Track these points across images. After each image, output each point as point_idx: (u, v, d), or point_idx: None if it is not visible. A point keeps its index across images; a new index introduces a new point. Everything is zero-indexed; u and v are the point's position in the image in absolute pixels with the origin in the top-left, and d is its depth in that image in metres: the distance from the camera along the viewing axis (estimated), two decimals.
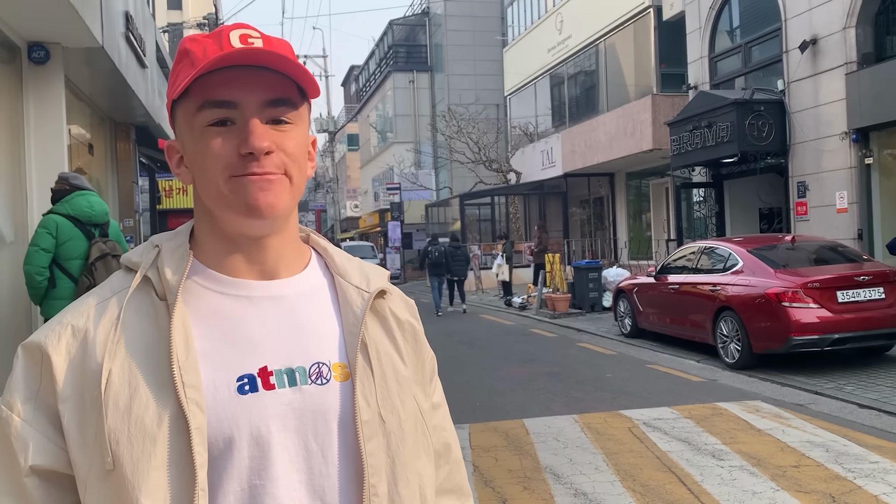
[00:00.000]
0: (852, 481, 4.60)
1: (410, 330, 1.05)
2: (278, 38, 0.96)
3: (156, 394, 0.87)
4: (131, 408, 0.86)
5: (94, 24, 5.98)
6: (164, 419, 0.85)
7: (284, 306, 0.96)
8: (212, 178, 0.92)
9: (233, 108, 0.91)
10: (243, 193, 0.90)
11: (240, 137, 0.90)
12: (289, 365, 0.92)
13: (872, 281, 7.99)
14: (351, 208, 46.22)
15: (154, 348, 0.89)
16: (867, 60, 11.24)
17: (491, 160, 25.25)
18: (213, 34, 0.95)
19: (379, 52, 41.57)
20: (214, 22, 16.52)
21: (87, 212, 4.89)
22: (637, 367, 9.02)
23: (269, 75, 0.92)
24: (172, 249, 0.96)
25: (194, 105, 0.92)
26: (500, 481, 4.88)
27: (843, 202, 11.61)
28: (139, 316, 0.91)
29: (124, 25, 7.54)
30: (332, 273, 1.03)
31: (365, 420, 0.93)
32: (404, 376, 1.01)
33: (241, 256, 0.96)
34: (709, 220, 15.42)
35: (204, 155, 0.92)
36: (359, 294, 1.01)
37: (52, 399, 0.88)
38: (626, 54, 19.86)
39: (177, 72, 0.94)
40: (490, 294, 20.83)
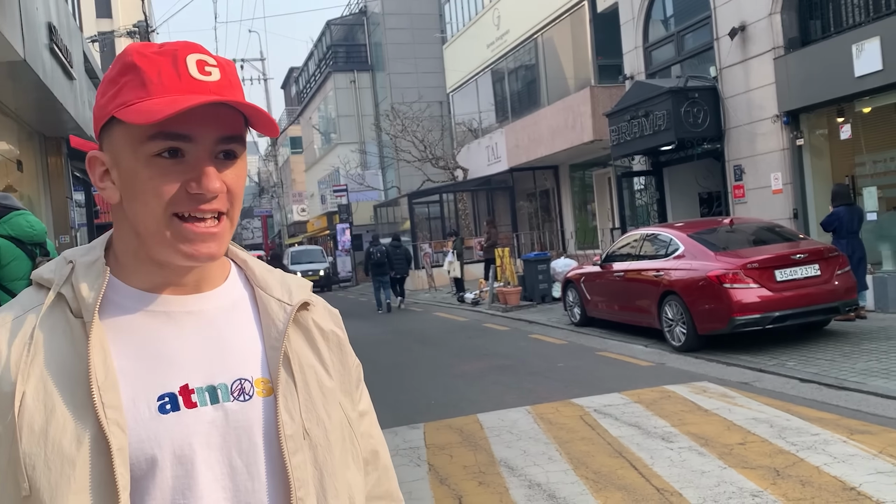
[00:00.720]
0: (795, 454, 4.75)
1: (335, 340, 1.05)
2: (227, 60, 0.94)
3: (74, 415, 0.84)
4: (48, 430, 0.83)
5: (14, 37, 5.79)
6: (83, 441, 0.83)
7: (205, 321, 0.95)
8: (151, 211, 0.89)
9: (187, 141, 0.88)
10: (185, 243, 0.90)
11: (190, 174, 0.89)
12: (210, 382, 0.92)
13: (808, 259, 8.24)
14: (298, 212, 45.79)
15: (70, 368, 0.86)
16: (793, 45, 11.58)
17: (437, 158, 25.28)
18: (165, 52, 0.91)
19: (318, 52, 41.21)
20: (145, 30, 16.18)
21: (29, 231, 4.75)
22: (587, 355, 9.15)
23: (226, 110, 0.90)
24: (87, 265, 0.93)
25: (145, 133, 0.88)
26: (456, 478, 4.90)
27: (777, 183, 11.95)
28: (53, 334, 0.88)
29: (47, 37, 7.32)
30: (253, 286, 1.02)
31: (289, 434, 0.93)
32: (329, 388, 1.01)
33: (163, 275, 0.94)
34: (651, 207, 15.71)
35: (148, 186, 0.89)
36: (281, 307, 1.00)
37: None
38: (564, 47, 20.08)
39: (120, 84, 0.90)
40: (443, 291, 20.88)
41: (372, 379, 9.64)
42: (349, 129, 36.85)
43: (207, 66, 0.90)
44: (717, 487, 4.31)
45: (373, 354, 10.63)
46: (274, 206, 52.51)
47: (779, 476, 4.40)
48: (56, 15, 8.05)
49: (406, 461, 5.37)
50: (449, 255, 18.74)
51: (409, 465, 5.29)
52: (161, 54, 0.90)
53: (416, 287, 23.49)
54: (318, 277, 29.14)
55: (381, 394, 8.02)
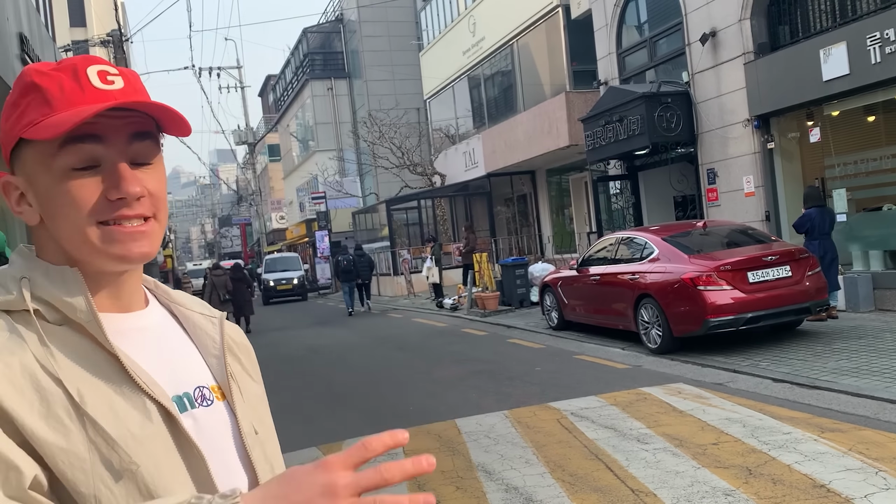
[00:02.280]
0: (767, 453, 4.83)
1: (246, 349, 1.12)
2: (129, 70, 0.95)
3: (127, 398, 0.88)
4: (118, 414, 0.86)
5: None
6: (151, 417, 0.88)
7: (152, 337, 0.97)
8: (76, 225, 0.89)
9: (98, 142, 0.88)
10: (115, 245, 0.90)
11: (108, 182, 0.89)
12: (177, 392, 0.95)
13: (780, 260, 8.38)
14: (276, 220, 45.61)
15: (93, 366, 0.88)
16: (763, 50, 11.77)
17: (415, 164, 25.33)
18: (64, 68, 0.91)
19: (295, 60, 41.13)
20: (119, 38, 16.08)
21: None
22: (565, 358, 9.22)
23: (135, 117, 0.91)
24: (45, 275, 0.90)
25: (53, 144, 0.88)
26: (433, 483, 4.92)
27: (749, 186, 12.12)
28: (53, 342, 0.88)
29: (19, 47, 7.27)
30: (165, 303, 1.05)
31: (246, 432, 0.99)
32: (258, 391, 1.09)
33: (101, 290, 0.94)
34: (626, 211, 15.85)
35: (65, 200, 0.89)
36: (207, 320, 1.05)
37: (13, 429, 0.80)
38: (540, 53, 20.23)
39: (22, 106, 0.90)
40: (422, 297, 20.88)
41: (351, 385, 9.63)
42: (327, 137, 36.79)
43: (109, 76, 0.91)
44: (690, 487, 4.37)
45: (352, 361, 10.64)
46: (252, 214, 52.25)
47: (751, 475, 4.48)
48: (28, 25, 8.00)
49: None
50: (427, 261, 18.78)
51: None
52: (60, 70, 0.91)
53: (395, 293, 23.47)
54: (292, 286, 28.81)
55: (360, 400, 8.03)
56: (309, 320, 19.44)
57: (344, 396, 8.29)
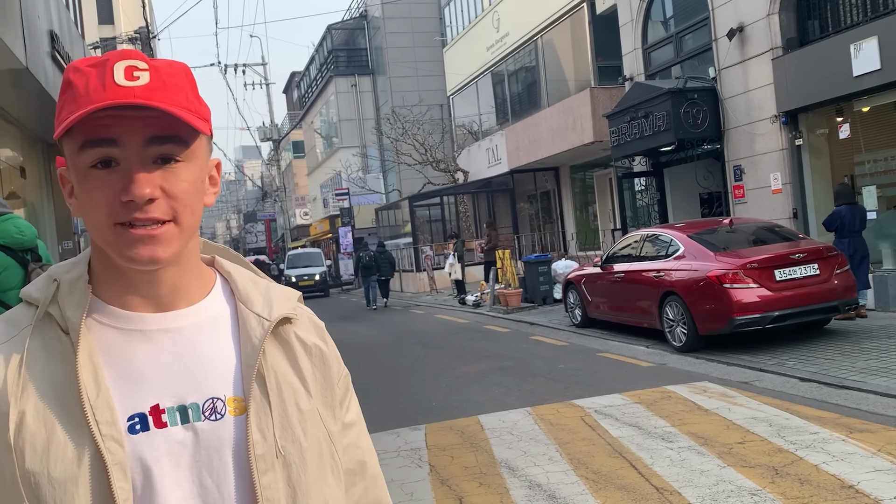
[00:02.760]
0: (794, 453, 4.77)
1: (318, 354, 1.04)
2: (172, 63, 0.92)
3: (71, 433, 0.86)
4: (49, 450, 0.85)
5: (17, 45, 5.84)
6: (83, 459, 0.85)
7: (180, 340, 0.94)
8: (96, 223, 0.90)
9: (114, 146, 0.87)
10: (125, 246, 0.89)
11: (121, 183, 0.88)
12: (181, 402, 0.92)
13: (807, 258, 8.27)
14: (300, 216, 45.86)
15: (64, 386, 0.88)
16: (792, 45, 11.61)
17: (438, 161, 25.33)
18: (97, 63, 0.90)
19: (319, 57, 41.30)
20: (146, 36, 16.24)
21: (19, 238, 4.50)
22: (588, 356, 9.18)
23: (156, 112, 0.88)
24: (71, 283, 0.93)
25: (76, 144, 0.89)
26: (457, 479, 4.93)
27: (777, 183, 11.97)
28: (46, 353, 0.90)
29: (49, 45, 7.37)
30: (236, 300, 1.01)
31: (259, 454, 0.92)
32: (307, 404, 0.99)
33: (136, 288, 0.94)
34: (651, 207, 15.73)
35: (87, 199, 0.90)
36: (259, 322, 0.99)
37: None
38: (564, 49, 20.12)
39: (61, 103, 0.91)
40: (444, 293, 20.90)
41: (374, 381, 9.67)
42: (350, 133, 36.91)
43: (136, 72, 0.88)
44: (715, 486, 4.33)
45: (375, 357, 10.69)
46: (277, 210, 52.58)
47: (777, 475, 4.43)
48: (58, 22, 8.11)
49: (407, 462, 5.41)
50: (450, 258, 18.79)
51: (411, 466, 5.32)
52: (93, 66, 0.89)
53: (418, 289, 23.52)
54: (314, 282, 28.29)
55: (383, 396, 8.06)
56: (331, 316, 19.54)
57: (367, 392, 8.33)
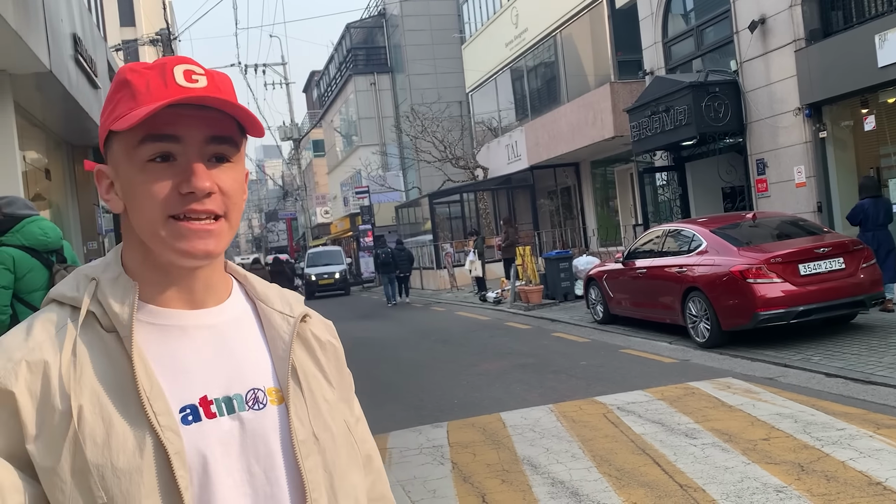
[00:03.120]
0: (820, 449, 4.72)
1: (332, 350, 1.11)
2: (220, 72, 0.98)
3: (131, 425, 0.89)
4: (110, 442, 0.87)
5: (41, 49, 5.92)
6: (145, 449, 0.88)
7: (216, 335, 0.99)
8: (149, 216, 0.93)
9: (176, 142, 0.92)
10: (181, 240, 0.93)
11: (181, 176, 0.92)
12: (226, 393, 0.96)
13: (832, 252, 8.16)
14: (321, 214, 46.07)
15: (117, 380, 0.90)
16: (815, 37, 11.46)
17: (457, 157, 25.31)
18: (155, 66, 0.95)
19: (338, 56, 41.43)
20: (167, 37, 16.39)
21: (43, 239, 4.47)
22: (610, 352, 9.14)
23: (214, 113, 0.93)
24: (112, 281, 0.96)
25: (135, 137, 0.92)
26: (479, 476, 4.93)
27: (801, 176, 11.82)
28: (92, 350, 0.92)
29: (72, 48, 7.46)
30: (254, 299, 1.07)
31: (301, 440, 0.98)
32: (331, 395, 1.06)
33: (172, 286, 0.98)
34: (673, 202, 15.61)
35: (142, 190, 0.93)
36: (284, 319, 1.05)
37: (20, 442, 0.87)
38: (583, 44, 20.02)
39: (115, 101, 0.95)
40: (465, 291, 20.89)
41: (395, 378, 9.68)
42: (370, 131, 37.00)
43: (195, 75, 0.94)
44: (740, 483, 4.30)
45: (396, 354, 10.72)
46: (298, 209, 52.85)
47: (803, 471, 4.38)
48: (80, 26, 8.20)
49: (430, 459, 5.42)
50: (470, 255, 18.78)
51: (433, 463, 5.33)
52: (151, 68, 0.95)
53: (439, 287, 23.54)
54: (334, 281, 28.16)
55: (405, 393, 8.08)
56: (352, 314, 19.61)
57: (389, 389, 8.35)
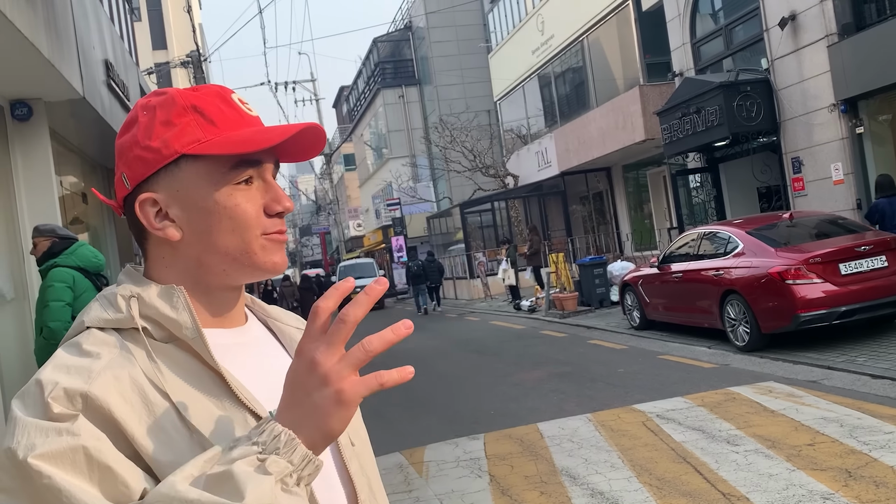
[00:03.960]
0: (868, 454, 4.59)
1: None
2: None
3: (230, 413, 0.90)
4: (222, 430, 0.88)
5: (74, 76, 6.05)
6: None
7: (252, 352, 1.00)
8: (241, 236, 0.94)
9: (259, 166, 0.96)
10: (274, 254, 0.97)
11: (267, 197, 0.96)
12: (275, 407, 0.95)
13: (874, 250, 7.96)
14: (354, 228, 46.33)
15: (198, 384, 0.90)
16: (848, 31, 11.23)
17: (487, 166, 25.29)
18: (211, 94, 0.97)
19: (366, 70, 41.75)
20: (197, 59, 16.68)
21: (95, 262, 4.79)
22: (648, 359, 9.01)
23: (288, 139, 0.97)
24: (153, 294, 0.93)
25: (228, 162, 0.93)
26: (517, 489, 4.88)
27: (838, 174, 11.58)
28: (165, 361, 0.90)
29: (105, 73, 7.61)
30: (262, 318, 1.10)
31: (343, 444, 1.02)
32: None
33: (212, 309, 0.98)
34: (707, 204, 15.39)
35: (234, 212, 0.94)
36: (300, 333, 1.07)
37: (117, 439, 0.83)
38: (611, 48, 19.90)
39: (181, 125, 0.93)
40: (499, 300, 20.82)
41: (431, 390, 9.66)
42: (400, 144, 37.18)
43: (245, 106, 0.99)
44: (785, 491, 4.19)
45: (431, 365, 10.69)
46: (331, 223, 53.27)
47: (851, 477, 4.26)
48: (112, 51, 8.37)
49: (467, 472, 5.38)
50: (503, 263, 18.71)
51: (471, 476, 5.29)
52: (208, 95, 0.97)
53: (472, 296, 23.49)
54: None
55: (441, 405, 8.05)
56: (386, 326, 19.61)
57: (424, 401, 8.33)
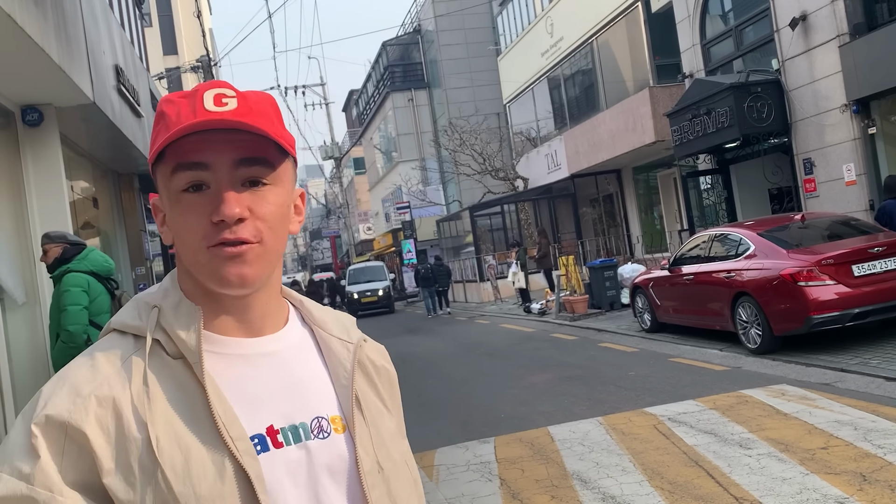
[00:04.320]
0: (883, 457, 4.53)
1: (386, 375, 1.10)
2: (259, 92, 0.95)
3: (209, 452, 0.87)
4: (190, 470, 0.86)
5: (84, 81, 6.08)
6: (225, 475, 0.86)
7: (277, 362, 0.97)
8: (189, 246, 0.92)
9: (204, 169, 0.90)
10: (216, 266, 0.91)
11: (212, 205, 0.90)
12: (292, 422, 0.94)
13: (887, 251, 7.88)
14: (364, 231, 46.38)
15: (190, 409, 0.89)
16: (859, 30, 11.15)
17: (497, 169, 25.26)
18: (188, 94, 0.94)
19: (375, 74, 41.84)
20: (207, 64, 16.76)
21: (105, 266, 4.91)
22: (660, 361, 8.96)
23: (243, 135, 0.91)
24: (174, 307, 0.94)
25: (168, 168, 0.91)
26: (528, 493, 4.85)
27: (850, 175, 11.49)
28: (161, 379, 0.90)
29: (115, 78, 7.65)
30: (310, 324, 1.05)
31: (367, 470, 0.96)
32: (390, 422, 1.05)
33: (227, 314, 0.96)
34: (718, 206, 15.32)
35: (180, 222, 0.92)
36: (343, 346, 1.03)
37: (94, 476, 0.85)
38: (621, 50, 19.85)
39: (154, 134, 0.94)
40: (508, 303, 20.79)
41: (441, 394, 9.67)
42: (409, 147, 37.20)
43: (224, 98, 0.91)
44: (799, 495, 4.14)
45: (442, 369, 10.68)
46: (341, 227, 53.39)
47: (866, 481, 4.21)
48: (122, 57, 8.41)
49: (477, 476, 5.35)
50: (513, 266, 18.67)
51: (481, 480, 5.27)
52: (184, 97, 0.93)
53: (483, 299, 23.46)
54: (377, 298, 26.92)
55: (452, 408, 8.03)
56: (397, 329, 19.65)
57: (435, 405, 8.31)
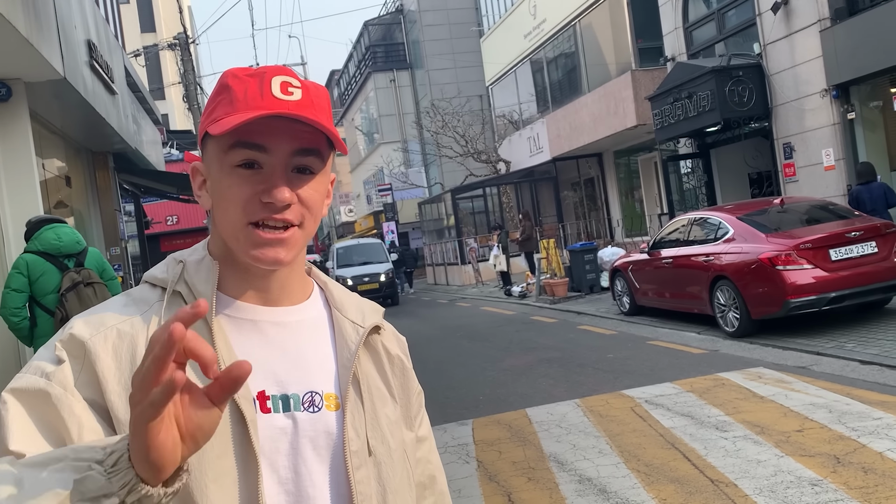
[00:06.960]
0: (856, 440, 4.57)
1: (400, 365, 1.13)
2: (317, 85, 0.99)
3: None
4: None
5: (54, 56, 5.92)
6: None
7: (285, 333, 1.01)
8: (231, 218, 0.96)
9: (263, 151, 0.94)
10: (252, 246, 0.95)
11: (264, 185, 0.94)
12: (284, 391, 0.97)
13: (864, 236, 7.94)
14: (345, 213, 46.18)
15: None
16: (840, 15, 11.17)
17: (479, 152, 25.18)
18: (255, 74, 0.97)
19: (357, 54, 41.44)
20: (185, 41, 16.48)
21: (56, 244, 4.89)
22: (638, 344, 8.99)
23: (303, 126, 0.95)
24: (197, 263, 1.00)
25: (227, 142, 0.95)
26: (505, 474, 4.85)
27: (829, 160, 11.55)
28: None
29: (87, 54, 7.47)
30: (331, 306, 1.08)
31: (353, 450, 0.98)
32: (392, 410, 1.08)
33: (250, 281, 1.01)
34: (698, 190, 15.37)
35: (227, 193, 0.96)
36: (354, 329, 1.07)
37: (100, 396, 0.89)
38: (603, 32, 19.77)
39: (214, 104, 0.98)
40: (490, 285, 20.80)
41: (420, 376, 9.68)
42: (391, 129, 36.97)
43: (290, 87, 0.96)
44: (773, 477, 4.16)
45: (422, 351, 10.63)
46: None
47: (839, 463, 4.24)
48: (95, 32, 8.22)
49: (455, 458, 5.34)
50: (494, 249, 18.67)
51: (458, 462, 5.26)
52: (252, 76, 0.97)
53: (463, 282, 23.46)
54: (378, 285, 20.21)
55: (430, 390, 7.98)
56: None
57: None
